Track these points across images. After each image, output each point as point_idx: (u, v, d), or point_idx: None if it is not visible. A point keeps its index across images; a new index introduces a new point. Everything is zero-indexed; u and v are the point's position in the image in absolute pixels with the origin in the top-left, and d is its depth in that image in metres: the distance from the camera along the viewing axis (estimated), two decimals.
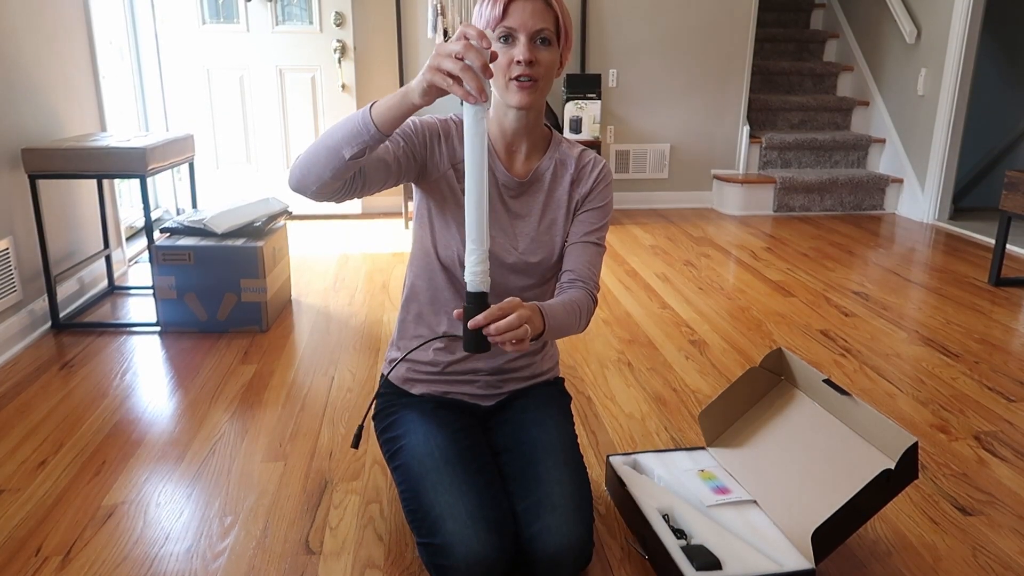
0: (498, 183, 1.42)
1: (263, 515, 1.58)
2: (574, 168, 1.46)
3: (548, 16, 1.28)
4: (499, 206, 1.43)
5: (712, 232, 4.23)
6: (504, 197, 1.43)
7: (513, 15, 1.26)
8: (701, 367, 2.38)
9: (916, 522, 1.58)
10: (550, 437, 1.41)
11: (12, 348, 2.42)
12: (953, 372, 2.36)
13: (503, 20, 1.27)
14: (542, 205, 1.45)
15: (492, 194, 1.42)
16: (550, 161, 1.45)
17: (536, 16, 1.26)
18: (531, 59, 1.26)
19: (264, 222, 2.74)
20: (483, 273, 1.13)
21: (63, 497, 1.64)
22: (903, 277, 3.37)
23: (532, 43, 1.27)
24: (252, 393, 2.16)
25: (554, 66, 1.32)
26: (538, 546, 1.24)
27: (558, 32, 1.30)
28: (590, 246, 1.45)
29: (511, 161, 1.43)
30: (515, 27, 1.26)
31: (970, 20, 4.12)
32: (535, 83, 1.29)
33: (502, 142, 1.42)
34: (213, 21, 4.18)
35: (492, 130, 1.41)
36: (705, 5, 4.62)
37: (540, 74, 1.29)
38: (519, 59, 1.26)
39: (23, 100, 2.54)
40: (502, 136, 1.41)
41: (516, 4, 1.27)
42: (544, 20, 1.27)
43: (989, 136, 4.87)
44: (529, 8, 1.27)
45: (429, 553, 1.25)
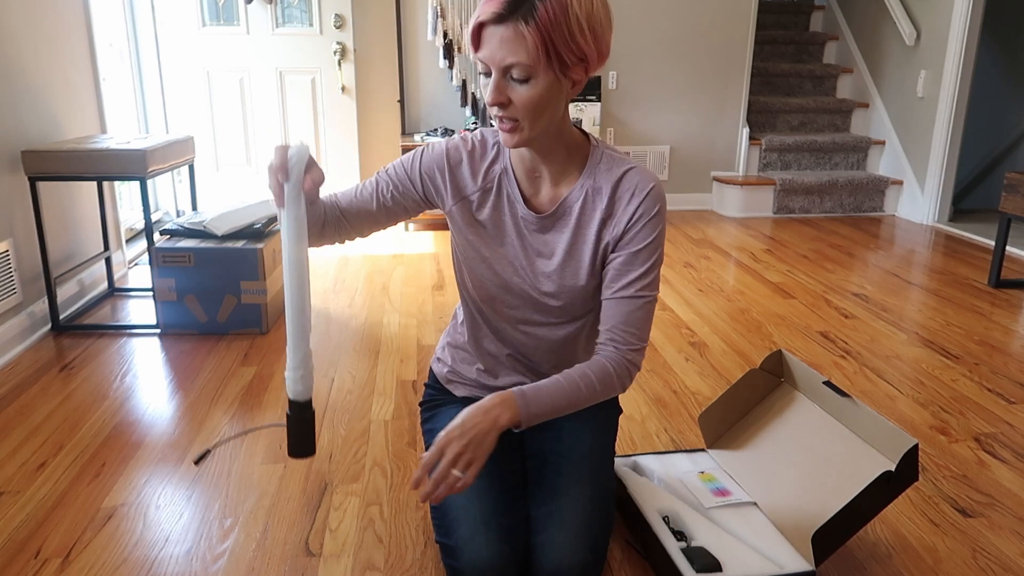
0: (517, 216, 1.27)
1: (263, 517, 1.58)
2: (607, 200, 1.22)
3: (519, 47, 1.04)
4: (517, 241, 1.28)
5: (712, 234, 4.24)
6: (523, 231, 1.28)
7: (485, 45, 1.07)
8: (701, 369, 2.38)
9: (916, 524, 1.58)
10: (581, 450, 1.34)
11: (12, 350, 2.42)
12: (953, 374, 2.36)
13: (477, 51, 1.09)
14: (567, 244, 1.26)
15: (511, 228, 1.28)
16: (581, 190, 1.24)
17: (505, 47, 1.05)
18: (499, 101, 1.09)
19: (264, 224, 2.74)
20: (302, 379, 1.04)
21: (63, 499, 1.64)
22: (903, 279, 3.37)
23: (503, 79, 1.08)
24: (252, 395, 2.16)
25: (541, 101, 1.09)
26: (540, 558, 1.21)
27: (548, 56, 1.06)
28: (626, 301, 1.21)
29: (535, 189, 1.27)
30: (485, 60, 1.08)
31: (969, 22, 4.13)
32: (516, 123, 1.12)
33: (522, 168, 1.26)
34: (213, 23, 4.18)
35: (512, 154, 1.27)
36: (705, 7, 4.63)
37: (520, 114, 1.10)
38: (488, 100, 1.10)
39: (23, 102, 2.55)
40: (521, 162, 1.26)
41: (486, 30, 1.07)
42: (514, 52, 1.05)
43: (989, 138, 4.87)
44: (496, 38, 1.05)
45: (443, 552, 1.25)
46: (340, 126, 4.39)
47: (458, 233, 1.32)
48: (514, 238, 1.29)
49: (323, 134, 4.40)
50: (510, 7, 1.04)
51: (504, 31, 1.05)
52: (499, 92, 1.08)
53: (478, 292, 1.35)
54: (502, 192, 1.28)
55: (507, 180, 1.27)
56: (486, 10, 1.06)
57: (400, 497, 1.66)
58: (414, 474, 1.09)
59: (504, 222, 1.29)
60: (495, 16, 1.05)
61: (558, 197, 1.26)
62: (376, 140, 4.54)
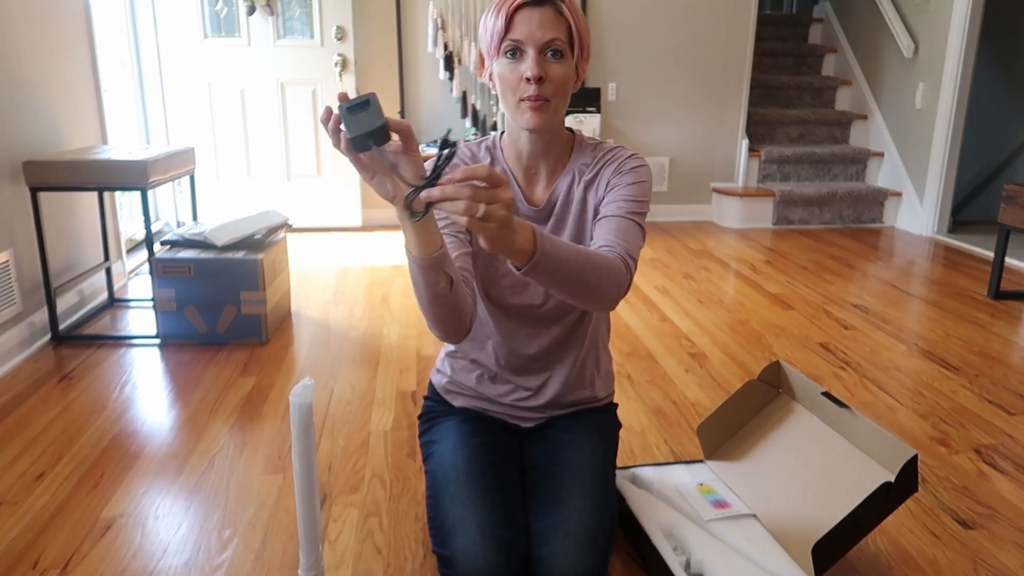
0: (519, 215, 1.30)
1: (262, 528, 1.58)
2: (591, 171, 1.30)
3: (559, 26, 1.16)
4: None
5: (711, 245, 4.24)
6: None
7: (519, 26, 1.15)
8: (701, 380, 2.38)
9: (917, 536, 1.58)
10: (582, 463, 1.35)
11: (11, 360, 2.42)
12: (953, 385, 2.36)
13: (508, 32, 1.16)
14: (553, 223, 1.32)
15: None
16: (568, 174, 1.32)
17: (545, 26, 1.15)
18: (540, 75, 1.15)
19: (264, 235, 2.74)
20: None
21: (61, 510, 1.63)
22: (902, 290, 3.38)
23: (541, 56, 1.16)
24: (251, 406, 2.16)
25: (569, 81, 1.20)
26: (544, 570, 1.20)
27: (571, 42, 1.19)
28: (617, 219, 1.22)
29: (531, 186, 1.33)
30: (522, 40, 1.15)
31: (967, 34, 4.15)
32: (547, 102, 1.18)
33: (519, 166, 1.31)
34: (215, 35, 4.20)
35: (508, 153, 1.32)
36: (704, 19, 4.65)
37: (552, 92, 1.18)
38: (528, 76, 1.15)
39: (25, 113, 2.56)
40: (518, 160, 1.31)
41: (521, 13, 1.15)
42: (554, 30, 1.15)
43: (987, 149, 4.89)
44: (536, 18, 1.15)
45: (440, 563, 1.25)
46: None
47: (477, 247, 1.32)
48: None
49: (324, 145, 4.41)
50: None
51: (543, 13, 1.15)
52: (540, 67, 1.16)
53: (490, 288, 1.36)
54: None
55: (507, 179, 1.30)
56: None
57: (399, 508, 1.65)
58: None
59: None
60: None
61: (548, 191, 1.32)
62: None
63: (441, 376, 1.52)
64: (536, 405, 1.46)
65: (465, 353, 1.47)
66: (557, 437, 1.41)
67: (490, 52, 1.21)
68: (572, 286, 1.07)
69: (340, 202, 4.50)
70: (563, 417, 1.47)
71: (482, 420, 1.46)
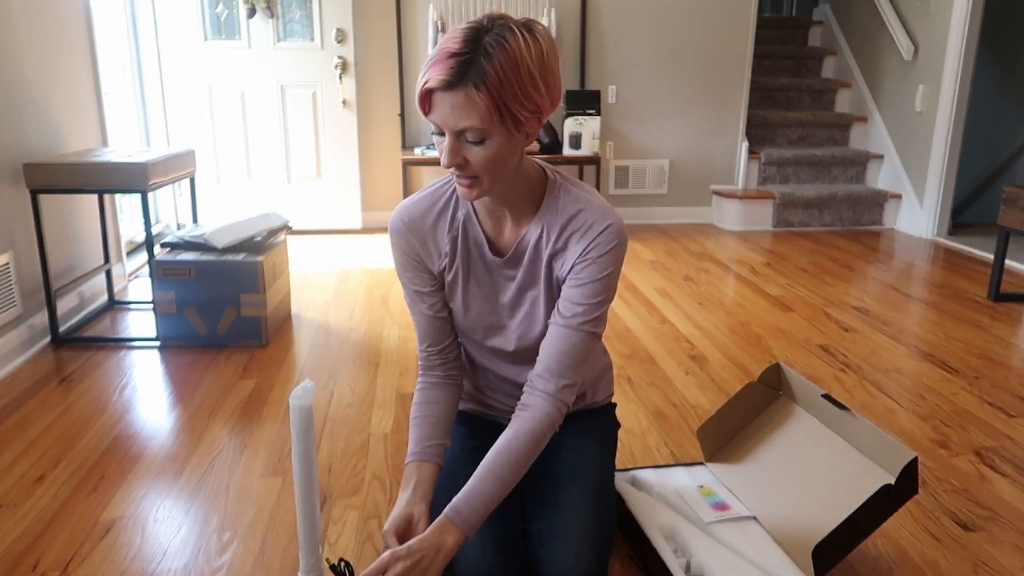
0: (485, 261, 1.28)
1: (262, 530, 1.58)
2: (556, 236, 1.21)
3: (472, 111, 1.03)
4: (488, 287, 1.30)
5: (711, 247, 4.24)
6: (494, 275, 1.29)
7: (435, 108, 1.06)
8: (701, 382, 2.38)
9: (917, 538, 1.58)
10: (580, 464, 1.34)
11: (11, 362, 2.42)
12: (953, 387, 2.35)
13: (428, 113, 1.07)
14: (518, 286, 1.28)
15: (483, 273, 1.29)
16: (537, 227, 1.23)
17: (456, 112, 1.03)
18: (453, 163, 1.08)
19: (264, 237, 2.74)
20: None
21: (61, 512, 1.63)
22: (902, 292, 3.38)
23: (457, 143, 1.07)
24: (251, 408, 2.16)
25: (497, 158, 1.09)
26: (543, 573, 1.20)
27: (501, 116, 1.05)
28: (568, 332, 1.19)
29: (498, 229, 1.27)
30: (437, 122, 1.07)
31: (967, 37, 4.15)
32: (476, 180, 1.12)
33: (484, 210, 1.25)
34: (215, 38, 4.21)
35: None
36: (704, 22, 4.65)
37: (476, 173, 1.10)
38: (443, 163, 1.09)
39: (25, 115, 2.56)
40: (483, 205, 1.25)
41: (436, 96, 1.05)
42: (467, 116, 1.03)
43: (987, 152, 4.89)
44: (448, 103, 1.04)
45: None
46: (341, 139, 4.41)
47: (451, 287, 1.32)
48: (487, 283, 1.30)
49: (324, 147, 4.42)
50: (459, 73, 1.02)
51: (454, 97, 1.03)
52: (455, 154, 1.08)
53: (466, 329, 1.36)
54: (468, 237, 1.28)
55: (471, 225, 1.27)
56: (433, 76, 1.03)
57: None
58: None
59: (474, 265, 1.30)
60: (444, 83, 1.03)
61: (517, 236, 1.25)
62: (377, 153, 4.56)
63: None
64: None
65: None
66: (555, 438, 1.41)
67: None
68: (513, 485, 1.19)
69: (340, 204, 4.50)
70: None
71: (480, 422, 1.46)
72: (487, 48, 1.02)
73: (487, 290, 1.31)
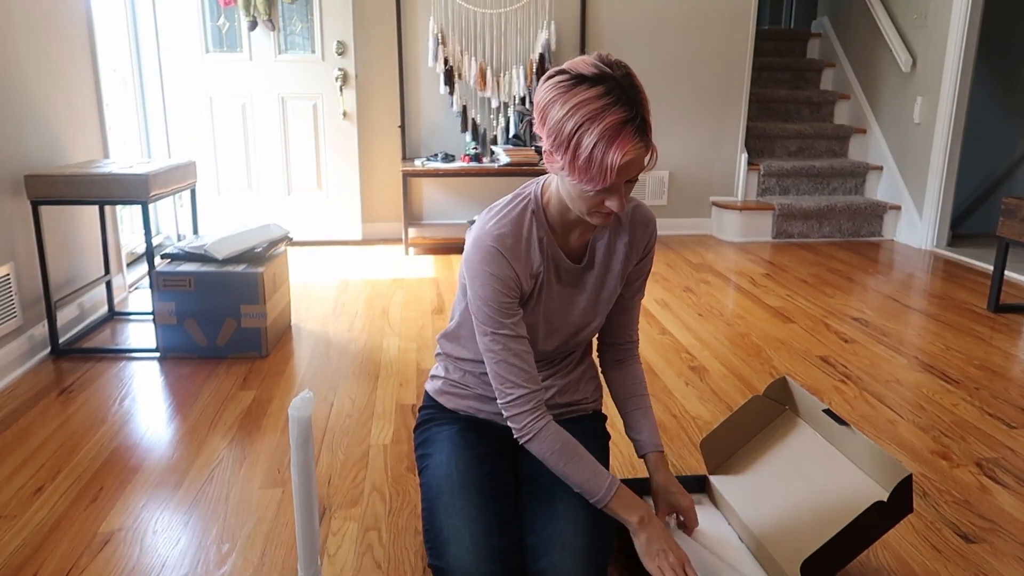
0: (559, 268, 1.36)
1: (261, 542, 1.57)
2: (628, 231, 1.39)
3: (643, 158, 1.16)
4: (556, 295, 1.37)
5: (711, 258, 4.25)
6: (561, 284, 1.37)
7: (623, 172, 1.15)
8: (701, 393, 2.38)
9: (918, 549, 1.57)
10: None
11: (11, 373, 2.42)
12: (953, 398, 2.35)
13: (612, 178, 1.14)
14: (597, 279, 1.40)
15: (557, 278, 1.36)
16: (604, 230, 1.39)
17: (635, 165, 1.15)
18: (623, 207, 1.19)
19: (265, 248, 2.75)
20: None
21: (60, 524, 1.63)
22: (902, 303, 3.38)
23: (627, 186, 1.19)
24: (251, 419, 2.15)
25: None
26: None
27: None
28: (635, 301, 1.48)
29: (566, 239, 1.36)
30: (623, 176, 1.16)
31: (965, 48, 4.17)
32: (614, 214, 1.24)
33: (560, 222, 1.33)
34: (216, 50, 4.23)
35: (552, 209, 1.32)
36: (703, 34, 4.68)
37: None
38: (613, 211, 1.19)
39: (27, 127, 2.57)
40: (561, 218, 1.33)
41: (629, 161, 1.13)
42: (640, 163, 1.16)
43: (986, 163, 4.90)
44: (636, 165, 1.15)
45: (435, 574, 1.24)
46: (341, 151, 4.42)
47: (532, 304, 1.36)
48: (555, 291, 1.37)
49: (324, 159, 4.43)
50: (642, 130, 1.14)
51: (638, 150, 1.14)
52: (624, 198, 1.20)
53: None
54: (548, 254, 1.35)
55: (550, 242, 1.34)
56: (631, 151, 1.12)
57: (399, 522, 1.65)
58: None
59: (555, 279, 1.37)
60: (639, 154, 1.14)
61: (584, 243, 1.38)
62: (377, 165, 4.57)
63: (435, 380, 1.54)
64: None
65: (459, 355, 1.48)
66: None
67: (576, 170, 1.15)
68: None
69: (340, 216, 4.51)
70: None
71: (476, 430, 1.46)
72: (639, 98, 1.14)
73: (564, 299, 1.39)
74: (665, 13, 4.61)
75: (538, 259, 1.32)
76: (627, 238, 1.39)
